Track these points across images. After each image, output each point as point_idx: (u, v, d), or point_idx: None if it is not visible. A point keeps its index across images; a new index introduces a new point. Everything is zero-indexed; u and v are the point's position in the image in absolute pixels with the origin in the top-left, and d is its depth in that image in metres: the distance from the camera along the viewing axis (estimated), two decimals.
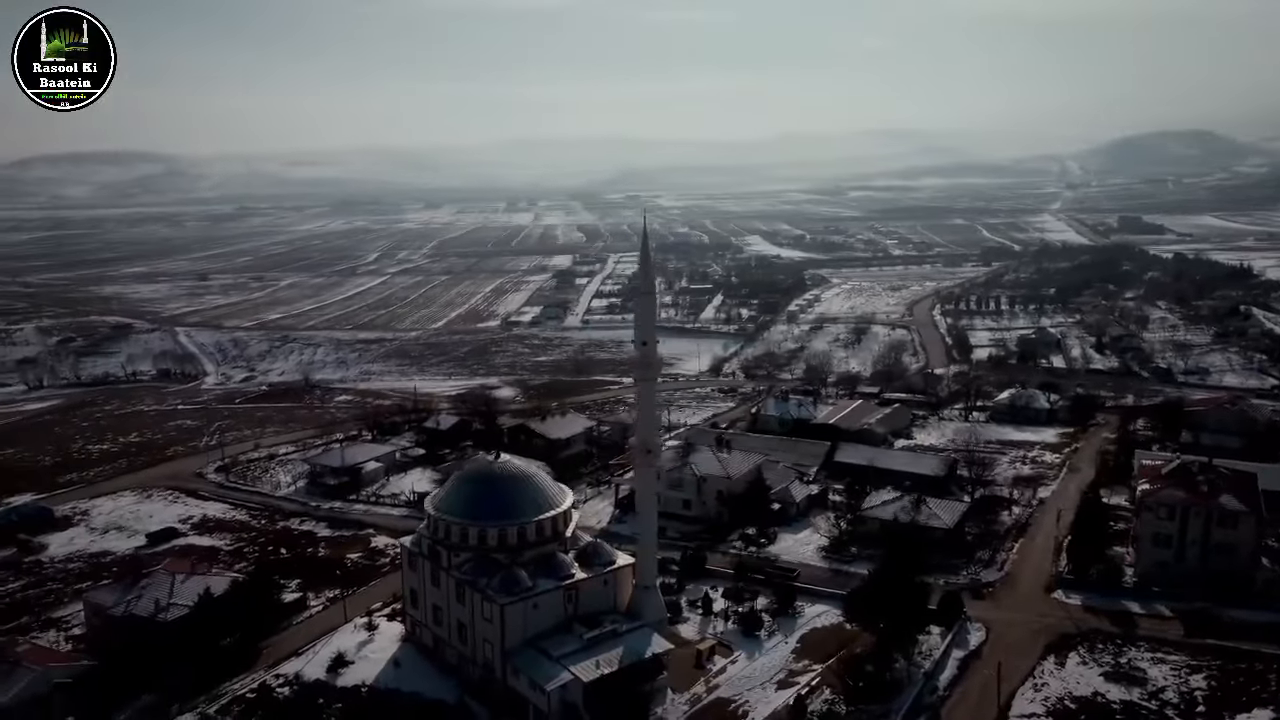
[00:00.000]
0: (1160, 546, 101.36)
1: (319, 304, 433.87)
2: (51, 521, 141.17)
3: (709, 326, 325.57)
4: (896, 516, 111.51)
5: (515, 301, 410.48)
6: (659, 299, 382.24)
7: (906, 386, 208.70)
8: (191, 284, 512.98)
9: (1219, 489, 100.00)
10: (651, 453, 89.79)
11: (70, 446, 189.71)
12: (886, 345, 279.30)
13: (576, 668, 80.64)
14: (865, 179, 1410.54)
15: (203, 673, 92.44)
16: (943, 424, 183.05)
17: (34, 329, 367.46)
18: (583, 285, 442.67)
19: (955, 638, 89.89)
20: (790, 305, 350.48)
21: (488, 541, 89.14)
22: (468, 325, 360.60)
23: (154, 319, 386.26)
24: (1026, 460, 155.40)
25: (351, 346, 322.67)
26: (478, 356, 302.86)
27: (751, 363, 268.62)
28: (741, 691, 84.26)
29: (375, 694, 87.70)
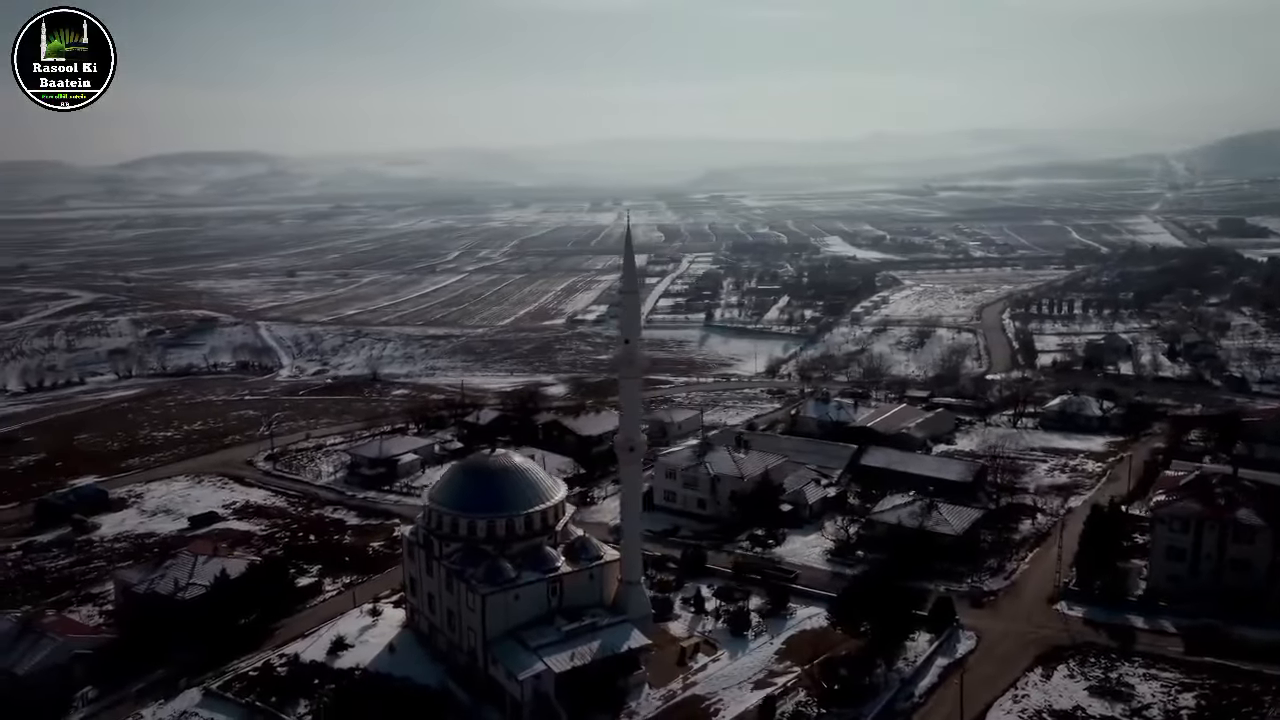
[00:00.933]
0: (1174, 560, 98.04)
1: (396, 300, 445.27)
2: (106, 503, 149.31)
3: (770, 328, 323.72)
4: (900, 521, 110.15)
5: (584, 300, 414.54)
6: (724, 299, 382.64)
7: (956, 391, 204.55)
8: (279, 280, 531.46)
9: (1237, 502, 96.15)
10: (634, 450, 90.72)
11: (138, 433, 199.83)
12: (948, 349, 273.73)
13: (550, 659, 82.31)
14: (956, 179, 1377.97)
15: (215, 650, 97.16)
16: (988, 430, 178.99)
17: (127, 321, 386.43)
18: (652, 285, 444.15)
19: (942, 645, 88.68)
20: (855, 307, 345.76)
21: (477, 532, 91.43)
22: (534, 323, 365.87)
23: (238, 313, 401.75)
24: (1066, 469, 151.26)
25: (420, 342, 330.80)
26: (541, 354, 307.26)
27: (808, 364, 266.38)
28: (717, 690, 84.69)
29: (367, 677, 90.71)
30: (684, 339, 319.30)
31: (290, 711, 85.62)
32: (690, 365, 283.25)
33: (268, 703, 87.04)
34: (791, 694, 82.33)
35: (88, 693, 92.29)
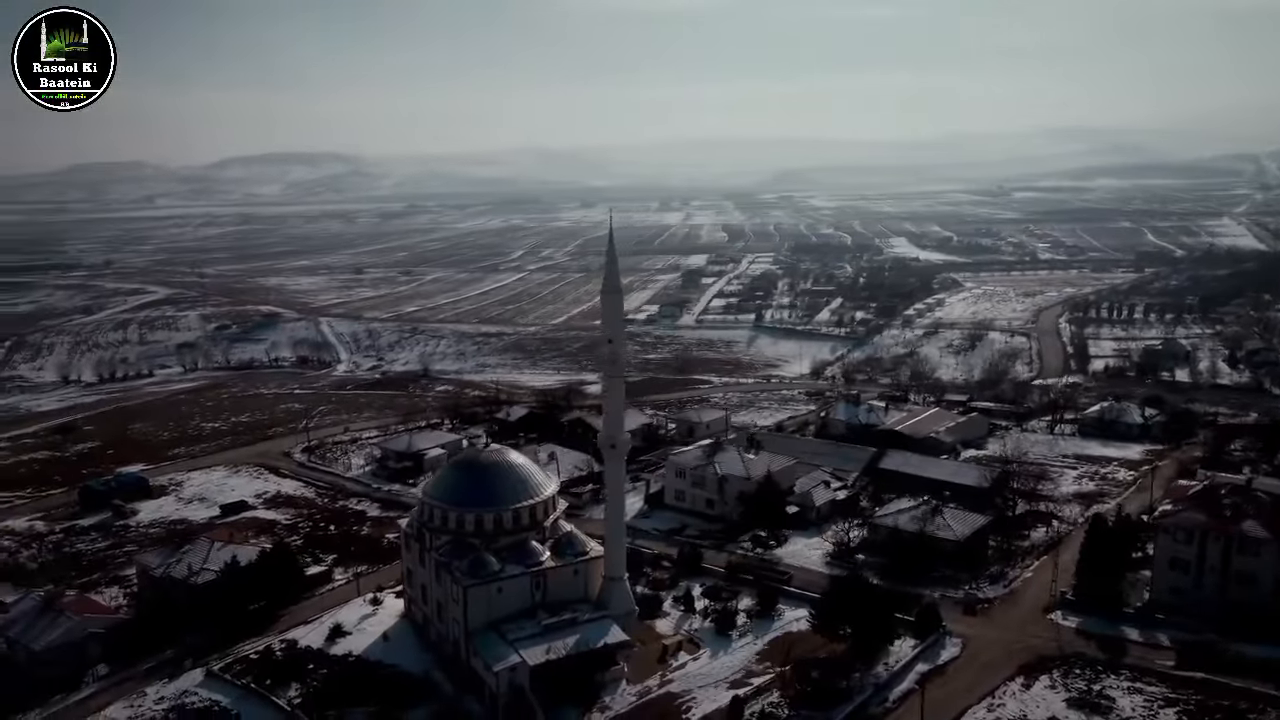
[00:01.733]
0: (1177, 572, 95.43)
1: (456, 298, 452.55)
2: (147, 490, 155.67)
3: (820, 329, 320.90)
4: (897, 525, 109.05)
5: (638, 299, 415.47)
6: (777, 300, 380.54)
7: (996, 396, 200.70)
8: (347, 277, 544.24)
9: (1244, 514, 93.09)
10: (615, 447, 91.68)
11: (188, 424, 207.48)
12: (999, 353, 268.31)
13: (526, 651, 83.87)
14: (1033, 179, 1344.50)
15: (224, 633, 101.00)
16: (1024, 436, 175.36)
17: (197, 316, 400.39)
18: (708, 284, 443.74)
19: (924, 651, 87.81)
20: (909, 309, 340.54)
21: (465, 526, 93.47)
22: (586, 322, 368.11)
23: (302, 309, 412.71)
24: (1095, 477, 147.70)
25: (473, 339, 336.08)
26: (590, 352, 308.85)
27: (853, 366, 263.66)
28: (693, 688, 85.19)
29: (359, 663, 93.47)
30: (732, 339, 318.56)
31: (281, 694, 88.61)
32: (736, 366, 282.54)
33: (262, 685, 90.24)
34: (764, 695, 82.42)
35: (99, 669, 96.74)
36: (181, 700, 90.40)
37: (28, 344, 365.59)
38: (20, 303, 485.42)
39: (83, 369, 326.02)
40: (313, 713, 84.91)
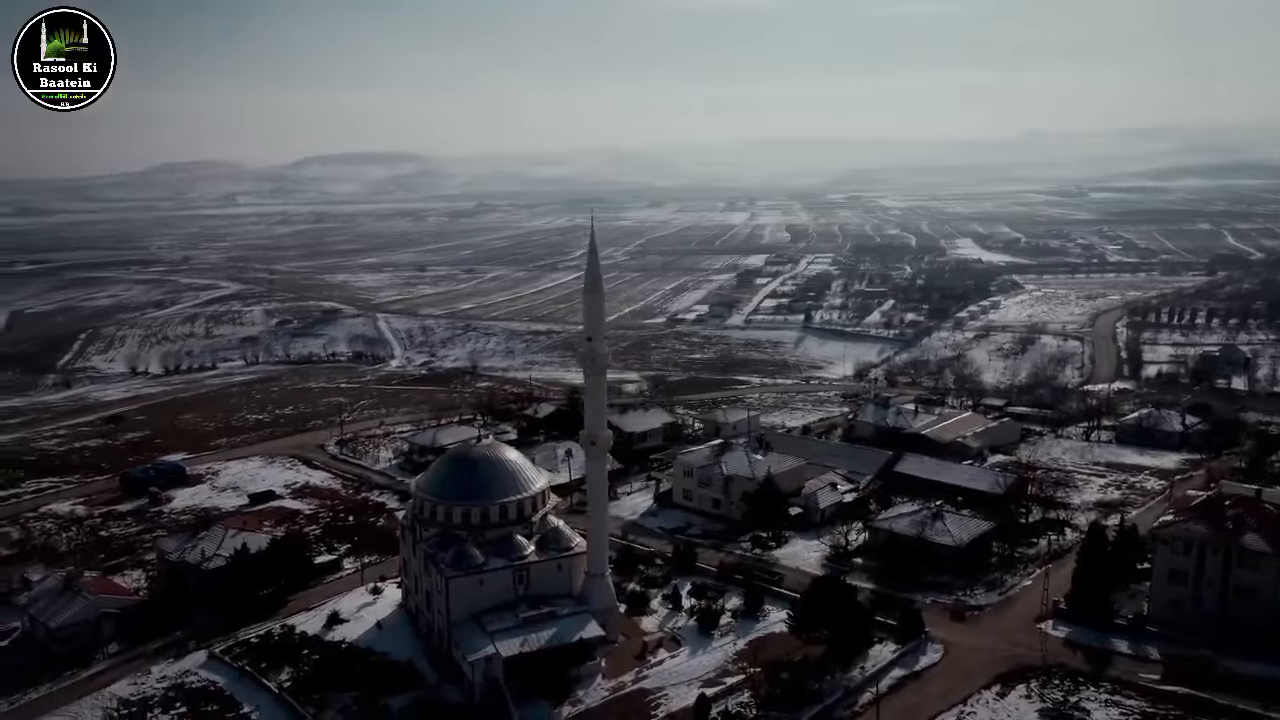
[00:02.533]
0: (1176, 584, 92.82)
1: (513, 296, 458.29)
2: (183, 478, 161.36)
3: (869, 331, 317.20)
4: (896, 529, 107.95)
5: (689, 299, 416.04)
6: (828, 301, 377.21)
7: (1034, 401, 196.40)
8: (410, 275, 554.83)
9: (1246, 526, 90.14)
10: (596, 444, 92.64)
11: (234, 415, 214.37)
12: (1049, 357, 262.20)
13: (501, 643, 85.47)
14: (1112, 180, 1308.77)
15: (232, 617, 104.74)
16: (1059, 442, 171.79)
17: (261, 311, 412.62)
18: (762, 285, 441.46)
19: (903, 657, 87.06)
20: (961, 312, 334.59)
21: (453, 519, 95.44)
22: (636, 320, 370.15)
23: (363, 305, 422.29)
24: (1123, 485, 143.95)
25: (522, 337, 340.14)
26: (635, 352, 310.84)
27: (897, 369, 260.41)
28: (666, 685, 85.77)
29: (350, 650, 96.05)
30: (780, 340, 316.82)
31: (273, 677, 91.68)
32: (780, 367, 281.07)
33: (258, 668, 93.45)
34: (734, 694, 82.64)
35: (111, 648, 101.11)
36: (181, 680, 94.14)
37: (101, 336, 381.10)
38: (100, 296, 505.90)
39: (150, 361, 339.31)
40: (299, 696, 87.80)
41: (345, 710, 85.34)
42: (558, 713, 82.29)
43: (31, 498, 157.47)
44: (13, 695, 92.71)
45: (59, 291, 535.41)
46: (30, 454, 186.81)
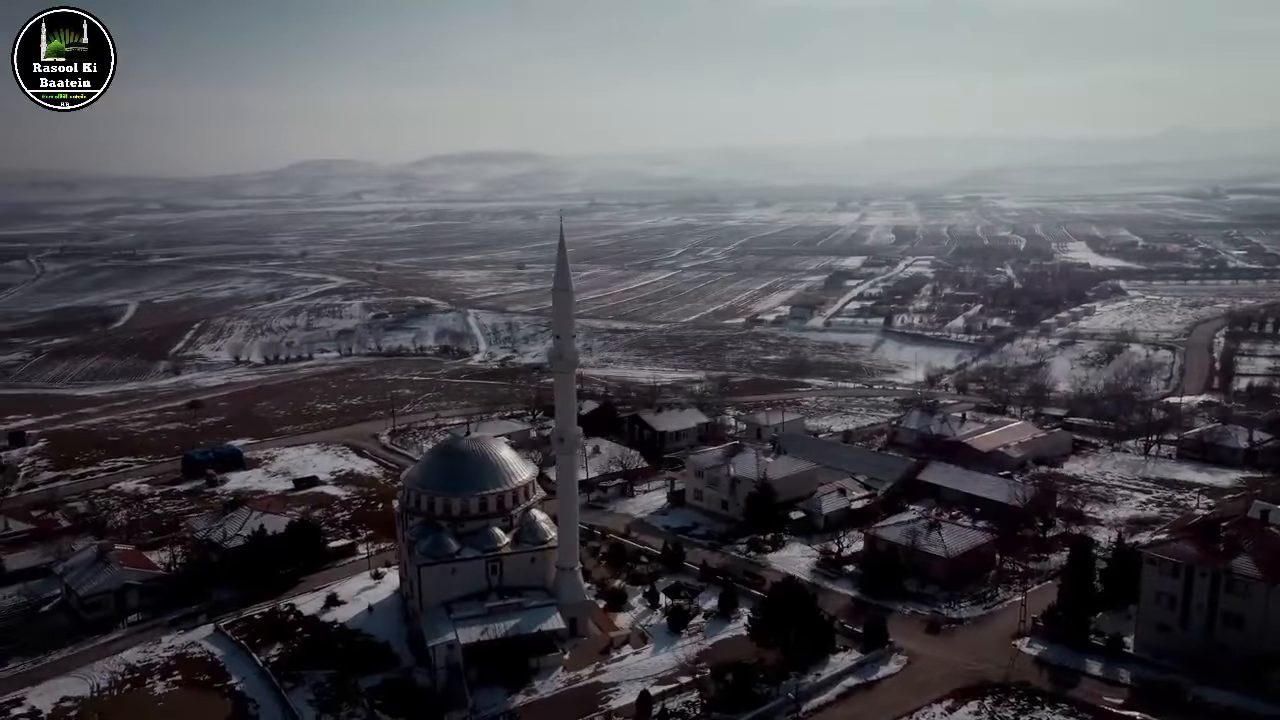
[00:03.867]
0: (1164, 607, 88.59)
1: (603, 294, 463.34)
2: (240, 462, 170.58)
3: (950, 336, 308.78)
4: (889, 537, 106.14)
5: (774, 300, 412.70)
6: (915, 305, 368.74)
7: (1096, 412, 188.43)
8: (509, 271, 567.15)
9: (1238, 549, 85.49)
10: (564, 441, 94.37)
11: (305, 404, 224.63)
12: (1134, 367, 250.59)
13: (462, 630, 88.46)
14: (1256, 181, 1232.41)
15: (245, 594, 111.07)
16: (1114, 455, 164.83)
17: (360, 305, 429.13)
18: (851, 287, 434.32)
19: (862, 666, 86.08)
20: (1051, 318, 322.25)
21: (435, 508, 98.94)
22: (717, 321, 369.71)
23: (457, 301, 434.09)
24: (1165, 502, 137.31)
25: (601, 335, 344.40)
26: (711, 352, 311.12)
27: (970, 376, 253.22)
28: (621, 681, 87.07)
29: (339, 630, 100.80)
30: (857, 343, 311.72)
31: (264, 651, 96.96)
32: (852, 370, 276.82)
33: (253, 643, 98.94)
34: (684, 693, 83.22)
35: (134, 617, 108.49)
36: (185, 650, 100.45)
37: (212, 326, 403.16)
38: (220, 289, 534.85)
39: (252, 351, 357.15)
40: (281, 671, 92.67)
41: (319, 686, 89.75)
42: (511, 700, 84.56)
43: (105, 475, 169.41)
44: (38, 655, 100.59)
45: (185, 283, 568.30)
46: (115, 435, 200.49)
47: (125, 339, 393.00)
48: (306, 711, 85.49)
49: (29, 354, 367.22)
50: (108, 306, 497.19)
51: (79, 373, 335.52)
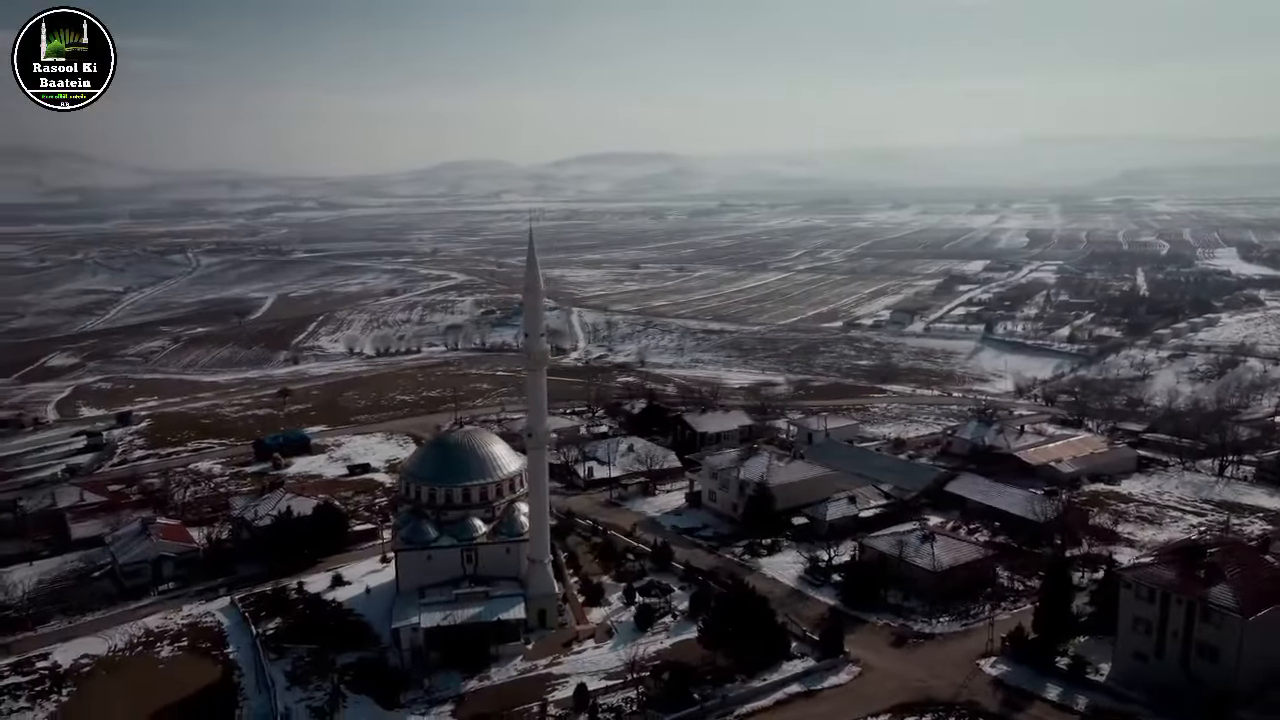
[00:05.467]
0: (1140, 634, 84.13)
1: (709, 295, 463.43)
2: (307, 447, 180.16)
3: (1052, 345, 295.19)
4: (879, 548, 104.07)
5: (880, 304, 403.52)
6: (1024, 312, 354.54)
7: (1177, 429, 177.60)
8: (623, 271, 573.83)
9: (1220, 576, 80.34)
10: (533, 437, 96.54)
11: (385, 395, 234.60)
12: (1246, 383, 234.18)
13: (424, 615, 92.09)
14: None
15: (268, 570, 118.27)
16: (1184, 474, 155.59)
17: (471, 301, 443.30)
18: (964, 291, 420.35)
19: (810, 674, 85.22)
20: (1166, 328, 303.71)
21: (421, 497, 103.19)
22: (815, 324, 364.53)
23: (564, 299, 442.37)
24: (1218, 527, 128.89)
25: (695, 335, 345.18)
26: (802, 355, 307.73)
27: (1062, 387, 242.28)
28: (574, 673, 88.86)
29: (334, 609, 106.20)
30: (955, 350, 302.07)
31: (264, 624, 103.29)
32: (942, 377, 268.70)
33: (256, 617, 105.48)
34: (625, 689, 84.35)
35: (167, 586, 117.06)
36: (199, 620, 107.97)
37: (334, 319, 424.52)
38: (351, 283, 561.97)
39: (365, 343, 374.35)
40: (271, 643, 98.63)
41: (299, 660, 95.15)
42: (465, 684, 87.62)
43: (188, 455, 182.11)
44: (76, 616, 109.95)
45: (321, 278, 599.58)
46: (210, 419, 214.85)
47: (255, 329, 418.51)
48: (281, 681, 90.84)
49: (169, 341, 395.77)
50: (249, 299, 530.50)
51: (209, 360, 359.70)
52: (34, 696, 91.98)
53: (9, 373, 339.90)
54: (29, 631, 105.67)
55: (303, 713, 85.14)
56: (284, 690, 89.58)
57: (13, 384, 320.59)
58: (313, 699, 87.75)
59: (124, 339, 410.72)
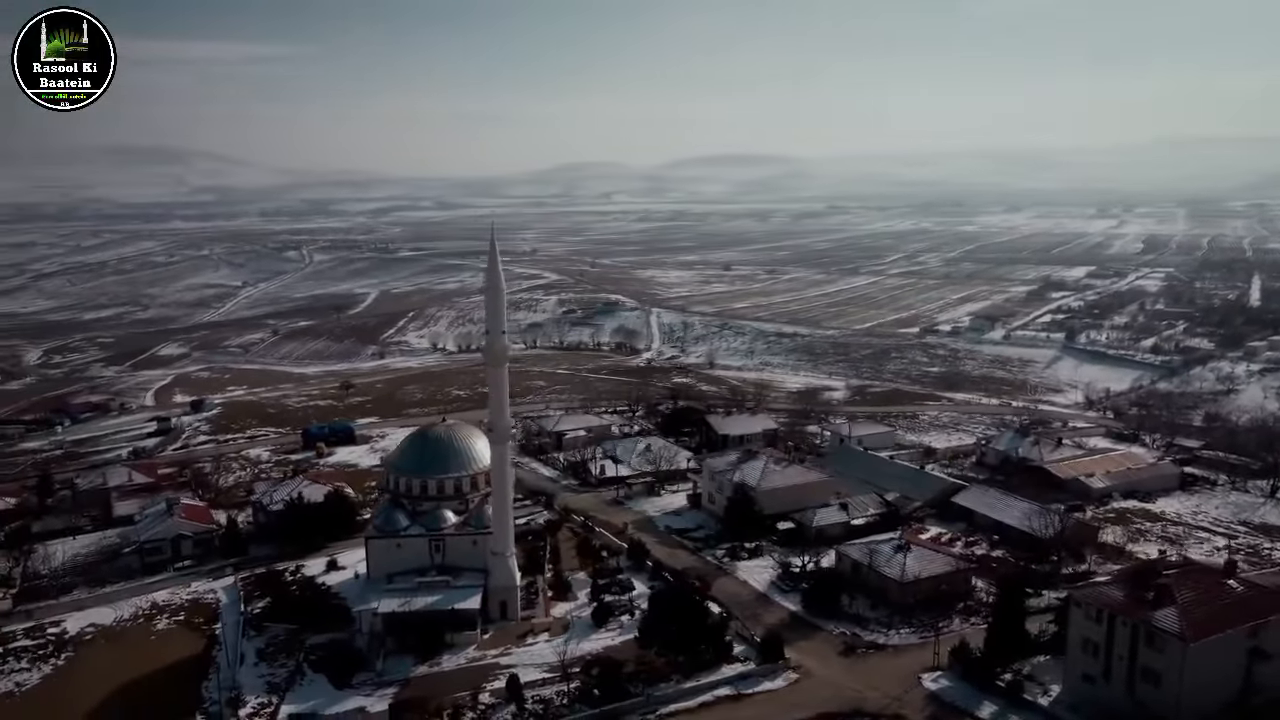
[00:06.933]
0: (1089, 655, 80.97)
1: (793, 298, 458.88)
2: (351, 438, 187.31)
3: (1134, 356, 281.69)
4: (851, 556, 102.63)
5: (963, 311, 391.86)
6: (1112, 321, 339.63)
7: (1233, 446, 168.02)
8: (714, 273, 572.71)
9: (1168, 599, 76.61)
10: (495, 432, 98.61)
11: (443, 390, 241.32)
12: None
13: (382, 601, 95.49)
14: None
15: (278, 552, 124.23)
16: (1230, 494, 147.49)
17: (555, 300, 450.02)
18: (1056, 299, 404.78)
19: (744, 678, 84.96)
20: (1261, 340, 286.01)
21: (399, 488, 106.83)
22: (892, 329, 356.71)
23: (646, 299, 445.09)
24: (1246, 549, 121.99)
25: (767, 338, 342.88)
26: (873, 360, 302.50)
27: (1136, 400, 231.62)
28: (519, 664, 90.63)
29: (322, 591, 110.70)
30: (1032, 359, 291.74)
31: (254, 602, 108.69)
32: (1014, 387, 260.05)
33: (249, 596, 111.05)
34: (558, 684, 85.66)
35: (185, 563, 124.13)
36: (201, 596, 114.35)
37: (423, 315, 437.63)
38: (449, 281, 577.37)
39: (449, 340, 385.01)
40: (255, 620, 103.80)
41: (275, 638, 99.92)
42: (415, 669, 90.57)
43: (244, 442, 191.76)
44: (95, 588, 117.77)
45: (422, 275, 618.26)
46: (275, 408, 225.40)
47: (349, 324, 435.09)
48: (251, 657, 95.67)
49: (269, 334, 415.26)
50: (354, 294, 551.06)
51: (302, 352, 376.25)
52: (35, 659, 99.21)
53: (123, 361, 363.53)
54: (51, 600, 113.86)
55: (260, 687, 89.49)
56: (252, 666, 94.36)
57: (124, 371, 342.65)
58: (275, 675, 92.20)
59: (230, 331, 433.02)
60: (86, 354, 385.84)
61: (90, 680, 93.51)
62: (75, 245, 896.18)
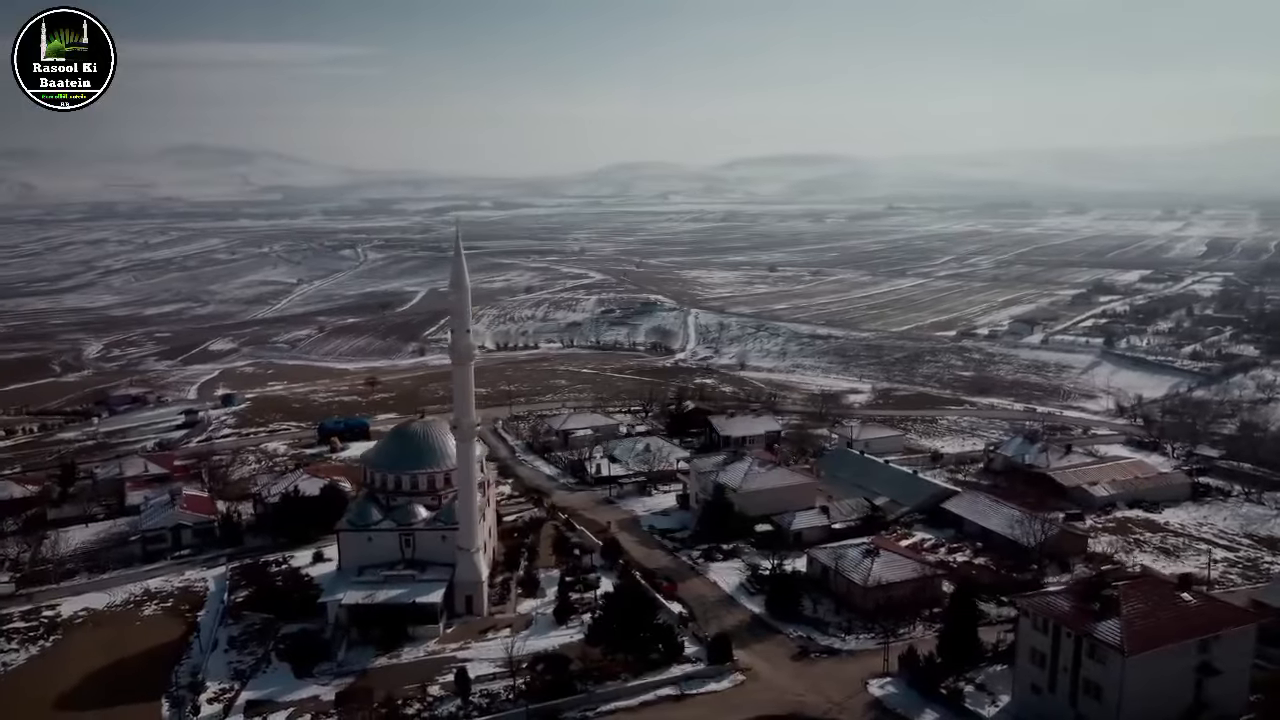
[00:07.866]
0: (1036, 665, 79.61)
1: (834, 299, 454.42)
2: (366, 433, 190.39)
3: (1174, 362, 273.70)
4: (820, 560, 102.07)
5: (1005, 314, 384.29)
6: (1156, 326, 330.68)
7: (1256, 456, 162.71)
8: (758, 274, 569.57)
9: (1113, 611, 74.98)
10: (459, 429, 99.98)
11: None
12: None
13: (347, 593, 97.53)
14: None
15: (273, 543, 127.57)
16: (1242, 505, 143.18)
17: (594, 300, 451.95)
18: (1103, 302, 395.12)
19: (689, 679, 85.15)
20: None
21: (375, 483, 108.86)
22: (929, 332, 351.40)
23: (685, 300, 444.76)
24: (1242, 563, 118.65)
25: (801, 340, 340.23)
26: (906, 363, 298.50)
27: (1169, 407, 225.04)
28: (475, 658, 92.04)
29: (305, 582, 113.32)
30: (1069, 364, 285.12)
31: (238, 591, 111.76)
32: (1046, 393, 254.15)
33: (236, 585, 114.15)
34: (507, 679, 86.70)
35: (183, 552, 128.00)
36: (192, 584, 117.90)
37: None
38: (497, 280, 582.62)
39: (487, 338, 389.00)
40: (235, 609, 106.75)
41: (250, 626, 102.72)
42: (374, 660, 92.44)
43: (264, 435, 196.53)
44: (96, 574, 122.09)
45: (472, 274, 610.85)
46: (300, 403, 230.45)
47: (394, 321, 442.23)
48: (223, 644, 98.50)
49: (315, 330, 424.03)
50: (404, 292, 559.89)
51: (346, 349, 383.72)
52: (25, 641, 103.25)
53: (175, 355, 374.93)
54: (52, 585, 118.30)
55: (226, 673, 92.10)
56: (223, 653, 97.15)
57: (175, 365, 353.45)
58: (243, 663, 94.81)
59: (281, 327, 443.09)
60: (143, 348, 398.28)
61: (72, 662, 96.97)
62: (144, 243, 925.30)
